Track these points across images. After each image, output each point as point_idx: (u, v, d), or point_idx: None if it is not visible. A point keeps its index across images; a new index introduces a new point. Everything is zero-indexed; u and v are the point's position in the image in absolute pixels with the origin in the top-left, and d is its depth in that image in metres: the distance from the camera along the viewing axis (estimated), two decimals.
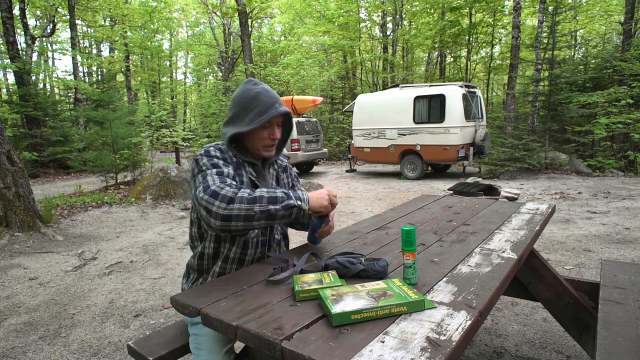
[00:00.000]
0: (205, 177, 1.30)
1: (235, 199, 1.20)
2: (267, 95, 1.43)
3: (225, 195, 1.21)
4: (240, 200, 1.20)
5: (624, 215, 5.23)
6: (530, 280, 2.09)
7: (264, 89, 1.46)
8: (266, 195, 1.24)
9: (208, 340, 1.36)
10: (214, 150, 1.41)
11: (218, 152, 1.41)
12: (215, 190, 1.23)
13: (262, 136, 1.44)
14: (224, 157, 1.40)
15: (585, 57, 14.11)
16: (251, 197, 1.22)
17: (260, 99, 1.42)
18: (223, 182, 1.27)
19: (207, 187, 1.25)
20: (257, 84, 1.47)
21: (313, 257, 1.39)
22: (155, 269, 3.91)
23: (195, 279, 1.50)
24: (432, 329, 0.89)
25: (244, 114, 1.43)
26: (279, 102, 1.44)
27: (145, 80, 28.30)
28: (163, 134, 10.70)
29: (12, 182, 4.96)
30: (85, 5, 17.13)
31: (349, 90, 19.42)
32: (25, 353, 2.44)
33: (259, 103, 1.42)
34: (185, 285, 1.54)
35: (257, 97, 1.43)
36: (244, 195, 1.22)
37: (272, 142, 1.48)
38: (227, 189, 1.23)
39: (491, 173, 9.37)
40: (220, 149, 1.42)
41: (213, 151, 1.40)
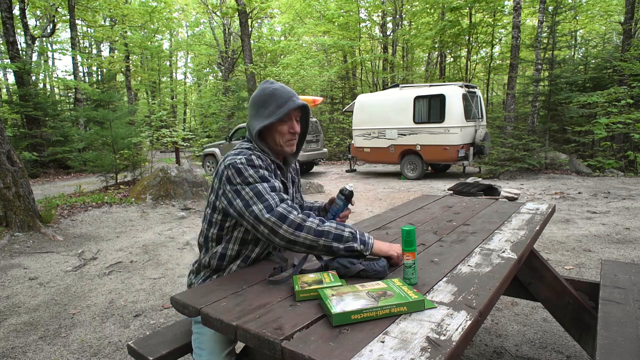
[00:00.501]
0: (260, 193, 1.28)
1: (304, 227, 1.23)
2: (284, 90, 1.46)
3: (294, 221, 1.23)
4: (308, 230, 1.23)
5: (624, 215, 5.23)
6: (530, 280, 2.09)
7: (280, 85, 1.49)
8: (334, 231, 1.25)
9: (210, 341, 1.36)
10: (256, 159, 1.36)
11: (260, 160, 1.37)
12: (283, 214, 1.24)
13: (283, 130, 1.45)
14: (267, 166, 1.38)
15: (585, 57, 14.11)
16: (319, 230, 1.23)
17: (277, 94, 1.44)
18: (283, 201, 1.27)
19: (271, 208, 1.25)
20: (274, 83, 1.49)
21: (313, 257, 1.39)
22: (155, 269, 3.91)
23: (207, 276, 1.48)
24: (432, 329, 0.89)
25: (262, 110, 1.44)
26: (296, 95, 1.47)
27: (145, 80, 28.30)
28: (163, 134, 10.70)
29: (12, 182, 4.96)
30: (85, 5, 17.12)
31: (349, 90, 19.42)
32: (25, 353, 2.44)
33: (277, 98, 1.44)
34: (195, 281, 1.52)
35: (275, 92, 1.45)
36: (312, 225, 1.24)
37: (293, 136, 1.49)
38: (295, 214, 1.24)
39: (491, 173, 9.37)
40: (260, 157, 1.38)
41: (256, 160, 1.36)
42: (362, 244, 1.27)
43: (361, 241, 1.27)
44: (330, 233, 1.24)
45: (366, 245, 1.28)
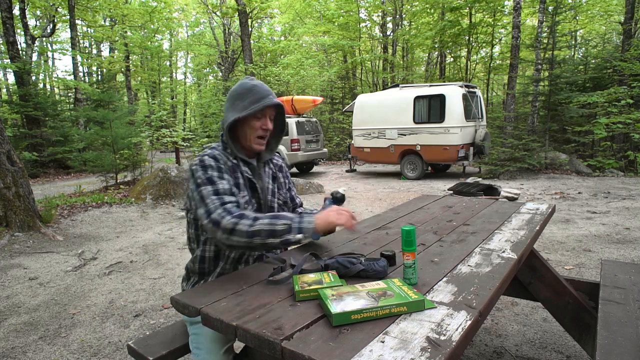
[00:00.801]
0: (203, 197, 1.33)
1: (235, 232, 1.25)
2: (262, 87, 1.49)
3: (226, 227, 1.26)
4: (240, 234, 1.25)
5: (624, 215, 5.23)
6: (530, 280, 2.09)
7: (260, 83, 1.51)
8: (266, 228, 1.26)
9: (207, 340, 1.37)
10: (208, 159, 1.41)
11: (212, 160, 1.41)
12: (216, 220, 1.27)
13: (255, 126, 1.47)
14: (218, 167, 1.41)
15: (585, 57, 14.11)
16: (250, 231, 1.25)
17: (255, 90, 1.47)
18: (222, 205, 1.30)
19: (209, 213, 1.29)
20: (254, 79, 1.52)
21: (313, 257, 1.39)
22: (155, 269, 3.91)
23: (196, 281, 1.51)
24: (432, 329, 0.89)
25: (238, 103, 1.47)
26: (273, 95, 1.49)
27: (145, 80, 28.29)
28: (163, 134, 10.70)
29: (12, 182, 4.96)
30: (85, 5, 17.13)
31: (349, 90, 19.42)
32: (25, 353, 2.44)
33: (254, 93, 1.46)
34: (186, 288, 1.55)
35: (253, 88, 1.48)
36: (244, 228, 1.25)
37: (264, 132, 1.50)
38: (227, 219, 1.26)
39: (491, 173, 9.37)
40: (214, 157, 1.43)
41: (207, 160, 1.41)
42: (299, 232, 1.28)
43: (298, 230, 1.28)
44: (262, 231, 1.26)
45: (305, 231, 1.29)
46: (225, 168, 1.43)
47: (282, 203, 1.62)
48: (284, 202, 1.64)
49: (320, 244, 1.62)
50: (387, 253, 1.34)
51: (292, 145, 10.72)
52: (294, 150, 10.72)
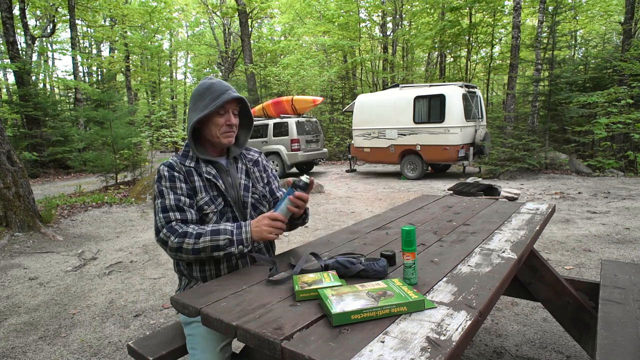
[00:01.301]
0: (155, 212, 1.43)
1: (182, 250, 1.35)
2: (220, 84, 1.50)
3: (172, 246, 1.35)
4: (186, 252, 1.35)
5: (624, 215, 5.23)
6: (530, 280, 2.09)
7: (218, 80, 1.52)
8: (210, 244, 1.34)
9: (202, 340, 1.37)
10: (162, 169, 1.47)
11: (166, 170, 1.46)
12: (163, 240, 1.37)
13: (219, 122, 1.48)
14: (171, 176, 1.45)
15: (585, 57, 14.11)
16: (196, 249, 1.34)
17: (213, 88, 1.48)
18: (168, 224, 1.38)
19: (157, 232, 1.39)
20: (212, 78, 1.53)
21: (313, 257, 1.39)
22: (155, 269, 3.91)
23: (186, 284, 1.53)
24: (432, 329, 0.89)
25: (199, 103, 1.48)
26: (232, 90, 1.49)
27: (145, 80, 28.29)
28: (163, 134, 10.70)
29: (12, 182, 4.96)
30: (85, 5, 17.13)
31: (349, 90, 19.42)
32: (25, 353, 2.44)
33: (212, 91, 1.47)
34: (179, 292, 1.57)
35: (211, 86, 1.49)
36: (188, 247, 1.34)
37: (229, 128, 1.50)
38: (172, 240, 1.34)
39: (491, 173, 9.37)
40: (169, 165, 1.48)
41: (162, 170, 1.47)
42: (239, 244, 1.36)
43: (238, 242, 1.36)
44: (206, 248, 1.34)
45: (245, 243, 1.37)
46: (179, 175, 1.46)
47: (258, 198, 1.59)
48: (261, 196, 1.60)
49: (319, 243, 1.62)
50: (387, 253, 1.34)
51: (292, 145, 10.72)
52: (294, 150, 10.72)
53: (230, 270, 1.48)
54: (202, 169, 1.50)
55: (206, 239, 1.34)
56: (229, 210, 1.50)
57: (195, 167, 1.50)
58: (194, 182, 1.48)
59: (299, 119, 11.19)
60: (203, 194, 1.48)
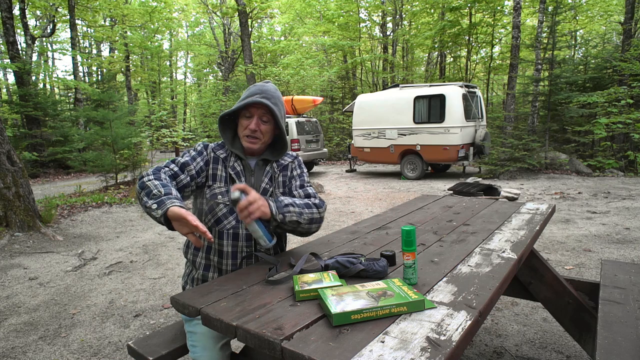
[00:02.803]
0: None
1: (142, 178, 1.37)
2: (258, 87, 1.52)
3: (140, 175, 1.44)
4: (140, 184, 1.36)
5: (624, 215, 5.23)
6: (530, 280, 2.09)
7: (262, 84, 1.54)
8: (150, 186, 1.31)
9: (202, 338, 1.38)
10: (198, 144, 1.58)
11: (201, 147, 1.56)
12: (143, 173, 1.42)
13: (243, 124, 1.51)
14: (200, 151, 1.53)
15: (585, 57, 14.10)
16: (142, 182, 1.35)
17: (251, 89, 1.51)
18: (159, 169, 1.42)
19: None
20: (267, 83, 1.56)
21: (313, 257, 1.39)
22: (155, 269, 3.91)
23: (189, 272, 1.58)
24: (432, 329, 0.89)
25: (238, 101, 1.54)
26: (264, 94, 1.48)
27: (145, 80, 28.29)
28: (163, 134, 10.70)
29: (12, 182, 4.96)
30: (85, 5, 17.13)
31: (349, 90, 19.41)
32: (25, 353, 2.44)
33: (248, 92, 1.51)
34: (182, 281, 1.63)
35: (251, 87, 1.53)
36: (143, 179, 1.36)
37: (252, 132, 1.49)
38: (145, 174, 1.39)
39: (491, 173, 9.37)
40: (205, 145, 1.57)
41: (197, 145, 1.58)
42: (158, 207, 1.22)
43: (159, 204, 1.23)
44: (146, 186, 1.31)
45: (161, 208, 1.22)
46: (204, 156, 1.52)
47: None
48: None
49: (319, 243, 1.62)
50: (387, 253, 1.34)
51: (292, 145, 10.72)
52: (294, 150, 10.72)
53: (235, 268, 1.48)
54: (230, 163, 1.53)
55: (155, 182, 1.31)
56: None
57: (224, 158, 1.54)
58: (216, 171, 1.51)
59: (299, 119, 11.19)
60: (222, 184, 1.50)
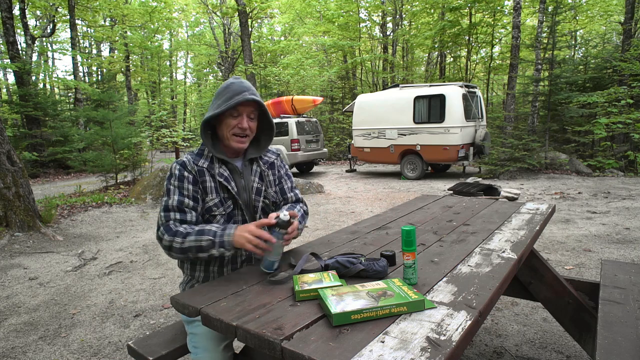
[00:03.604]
0: (160, 208, 1.45)
1: (172, 248, 1.36)
2: (240, 84, 1.47)
3: (164, 245, 1.38)
4: (175, 251, 1.36)
5: (624, 215, 5.23)
6: (530, 280, 2.09)
7: (240, 80, 1.50)
8: (194, 244, 1.33)
9: (204, 339, 1.37)
10: (174, 167, 1.46)
11: (178, 169, 1.45)
12: (159, 237, 1.40)
13: (231, 124, 1.46)
14: (181, 176, 1.44)
15: (585, 57, 14.10)
16: (184, 248, 1.35)
17: (232, 87, 1.46)
18: (166, 222, 1.40)
19: (158, 228, 1.42)
20: (237, 78, 1.50)
21: (313, 257, 1.39)
22: (155, 269, 3.91)
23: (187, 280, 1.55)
24: (432, 329, 0.89)
25: (216, 101, 1.47)
26: (250, 91, 1.45)
27: (145, 80, 28.29)
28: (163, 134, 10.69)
29: (12, 182, 4.96)
30: (85, 5, 17.13)
31: (349, 90, 19.41)
32: (25, 353, 2.44)
33: (230, 91, 1.45)
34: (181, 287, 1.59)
35: (230, 86, 1.47)
36: (177, 245, 1.35)
37: (241, 131, 1.47)
38: (165, 238, 1.36)
39: (491, 173, 9.37)
40: (182, 164, 1.46)
41: (174, 168, 1.46)
42: (220, 247, 1.33)
43: (219, 245, 1.33)
44: (192, 248, 1.34)
45: (226, 246, 1.33)
46: (189, 176, 1.44)
47: (269, 202, 1.57)
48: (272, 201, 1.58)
49: (319, 243, 1.62)
50: (387, 253, 1.34)
51: (292, 145, 10.72)
52: (294, 150, 10.72)
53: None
54: (216, 170, 1.47)
55: (191, 238, 1.33)
56: (239, 213, 1.49)
57: (208, 167, 1.47)
58: (205, 183, 1.45)
59: (299, 119, 11.19)
60: (213, 195, 1.45)
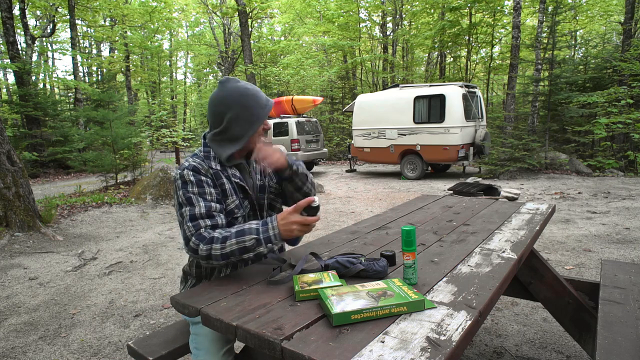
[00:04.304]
0: (182, 221, 1.34)
1: (212, 257, 1.28)
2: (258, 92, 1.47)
3: (202, 255, 1.29)
4: (215, 258, 1.28)
5: (624, 215, 5.23)
6: (530, 280, 2.09)
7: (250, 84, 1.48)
8: (236, 247, 1.27)
9: (207, 340, 1.37)
10: (187, 174, 1.36)
11: (192, 174, 1.36)
12: (193, 248, 1.30)
13: (260, 131, 1.47)
14: (198, 181, 1.36)
15: (585, 57, 14.10)
16: (225, 253, 1.28)
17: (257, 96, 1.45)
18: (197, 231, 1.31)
19: (187, 241, 1.32)
20: (239, 81, 1.47)
21: (313, 257, 1.39)
22: (155, 269, 3.91)
23: (193, 284, 1.51)
24: (432, 329, 0.89)
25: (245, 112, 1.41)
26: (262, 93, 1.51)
27: (145, 80, 28.29)
28: (163, 134, 10.69)
29: (12, 182, 4.96)
30: (85, 5, 17.13)
31: (349, 90, 19.42)
32: (25, 353, 2.44)
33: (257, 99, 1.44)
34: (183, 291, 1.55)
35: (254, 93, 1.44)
36: (217, 253, 1.28)
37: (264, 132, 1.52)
38: (201, 247, 1.28)
39: (491, 173, 9.37)
40: (194, 169, 1.38)
41: (187, 175, 1.36)
42: (267, 243, 1.28)
43: (266, 241, 1.28)
44: (234, 251, 1.27)
45: (273, 241, 1.28)
46: (207, 179, 1.38)
47: (273, 197, 1.58)
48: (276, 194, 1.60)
49: (319, 243, 1.62)
50: (387, 253, 1.34)
51: (292, 145, 10.73)
52: (294, 150, 10.72)
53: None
54: (229, 171, 1.45)
55: (232, 241, 1.27)
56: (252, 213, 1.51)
57: (221, 169, 1.43)
58: (224, 185, 1.42)
59: (299, 119, 11.19)
60: (234, 197, 1.43)
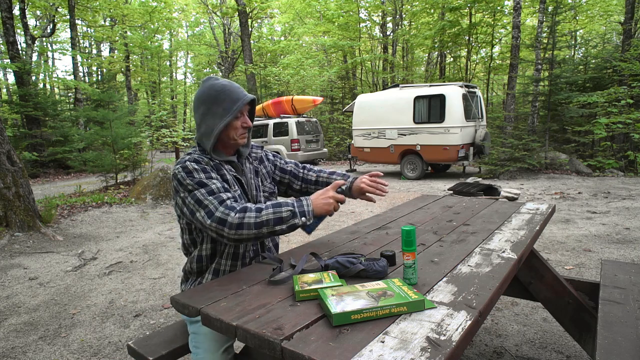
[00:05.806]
0: (200, 200, 1.32)
1: (244, 225, 1.27)
2: (233, 85, 1.48)
3: (233, 222, 1.27)
4: (248, 227, 1.27)
5: (624, 215, 5.23)
6: (530, 280, 2.09)
7: (228, 81, 1.50)
8: (272, 217, 1.29)
9: (206, 339, 1.37)
10: (190, 164, 1.38)
11: (195, 164, 1.39)
12: (221, 218, 1.28)
13: (236, 125, 1.47)
14: (204, 168, 1.39)
15: (585, 57, 14.10)
16: (258, 222, 1.28)
17: (229, 90, 1.46)
18: (222, 203, 1.31)
19: (211, 214, 1.29)
20: (218, 79, 1.50)
21: (313, 257, 1.39)
22: (155, 269, 3.91)
23: (194, 280, 1.52)
24: (432, 329, 0.89)
25: (216, 107, 1.44)
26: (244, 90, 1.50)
27: (145, 80, 28.29)
28: (163, 134, 10.69)
29: (12, 182, 4.96)
30: (85, 5, 17.13)
31: (349, 90, 19.42)
32: (25, 353, 2.44)
33: (229, 94, 1.45)
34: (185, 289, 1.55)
35: (225, 88, 1.46)
36: (251, 221, 1.28)
37: (245, 130, 1.51)
38: (232, 215, 1.27)
39: (491, 173, 9.37)
40: (195, 160, 1.40)
41: (190, 165, 1.38)
42: (302, 216, 1.32)
43: (300, 214, 1.32)
44: (270, 220, 1.29)
45: (307, 215, 1.33)
46: (210, 168, 1.42)
47: (267, 195, 1.62)
48: (270, 193, 1.63)
49: (319, 243, 1.62)
50: (387, 253, 1.34)
51: (292, 145, 10.73)
52: (294, 150, 10.72)
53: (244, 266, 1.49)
54: (225, 167, 1.49)
55: (269, 211, 1.29)
56: None
57: (220, 162, 1.48)
58: (225, 176, 1.45)
59: (299, 119, 11.20)
60: (235, 187, 1.47)
